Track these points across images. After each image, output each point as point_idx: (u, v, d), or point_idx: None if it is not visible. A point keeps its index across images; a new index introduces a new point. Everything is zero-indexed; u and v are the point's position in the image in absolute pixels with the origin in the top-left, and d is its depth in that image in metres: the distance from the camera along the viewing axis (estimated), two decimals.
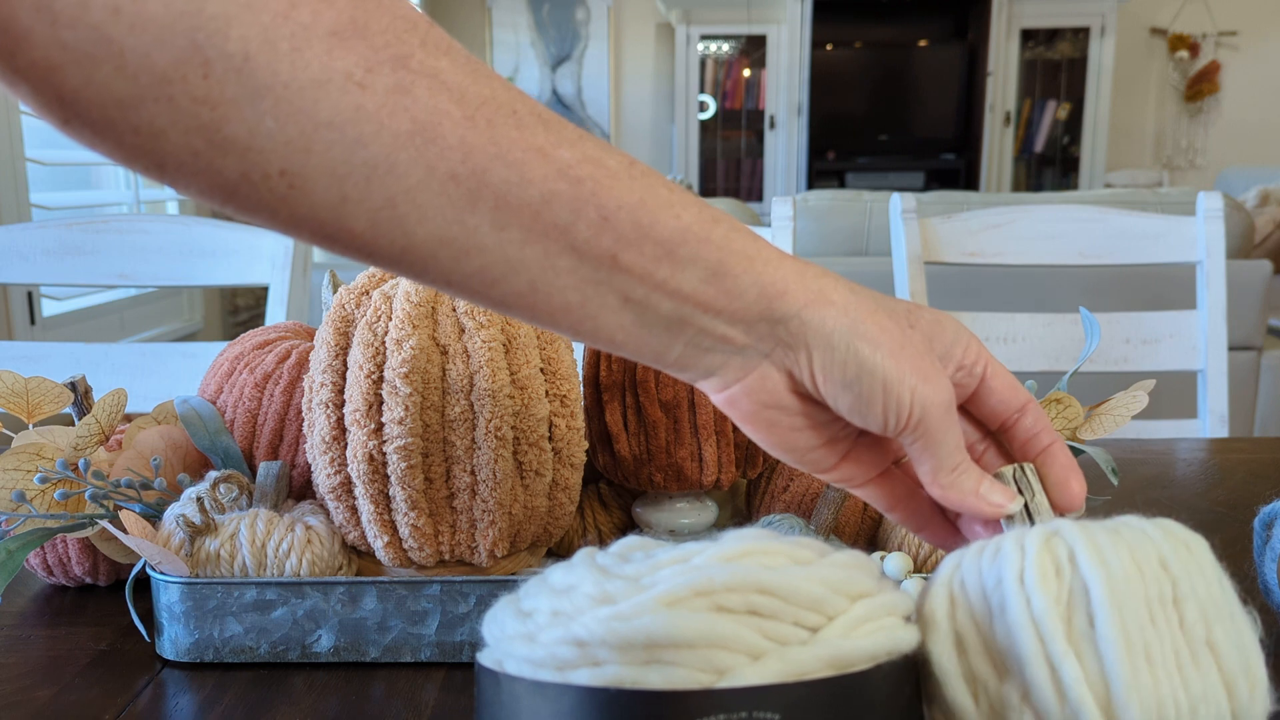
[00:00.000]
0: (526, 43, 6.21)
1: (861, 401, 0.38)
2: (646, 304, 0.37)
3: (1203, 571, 0.35)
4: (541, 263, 0.36)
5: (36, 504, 0.58)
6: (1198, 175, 5.99)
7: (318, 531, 0.59)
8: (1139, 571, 0.34)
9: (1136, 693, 0.32)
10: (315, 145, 0.33)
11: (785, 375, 0.39)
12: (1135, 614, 0.33)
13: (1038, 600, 0.33)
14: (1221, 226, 1.25)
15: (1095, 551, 0.34)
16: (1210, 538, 0.80)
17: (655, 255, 0.36)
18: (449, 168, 0.34)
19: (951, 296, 2.01)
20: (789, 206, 1.20)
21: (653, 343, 0.38)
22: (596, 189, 0.36)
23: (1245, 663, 0.34)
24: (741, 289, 0.37)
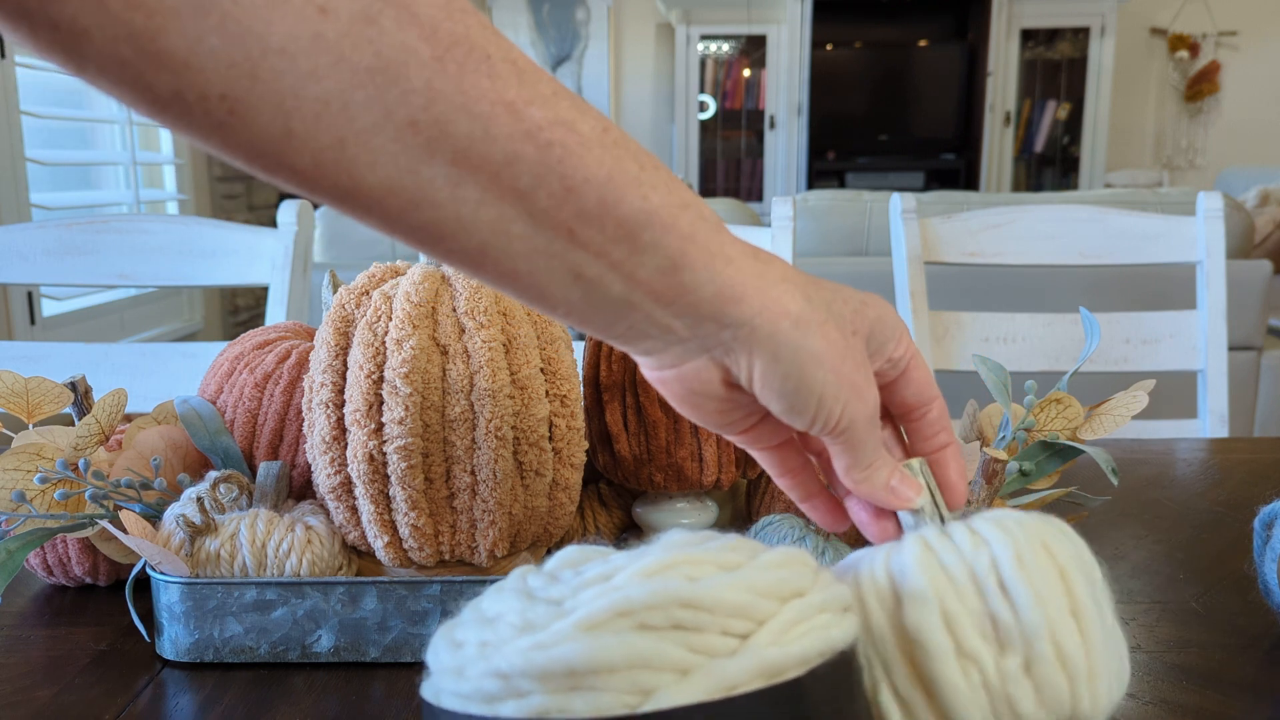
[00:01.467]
0: (526, 43, 6.21)
1: (793, 408, 0.39)
2: (598, 283, 0.36)
3: (1094, 567, 0.40)
4: (494, 226, 0.34)
5: (36, 504, 0.58)
6: (1198, 175, 5.99)
7: (318, 531, 0.59)
8: (1080, 559, 0.38)
9: (1104, 660, 0.37)
10: (263, 72, 0.30)
11: (721, 370, 0.39)
12: (1095, 594, 0.37)
13: (1041, 582, 0.36)
14: (1221, 226, 1.25)
15: (1057, 541, 0.38)
16: (1210, 538, 0.80)
17: (615, 236, 0.35)
18: (409, 114, 0.32)
19: (951, 296, 2.01)
20: (789, 206, 1.20)
21: (597, 319, 0.37)
22: (564, 156, 0.34)
23: (1122, 636, 0.40)
24: (698, 285, 0.36)
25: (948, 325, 1.26)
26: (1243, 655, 0.59)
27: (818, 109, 5.83)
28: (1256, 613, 0.64)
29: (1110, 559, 0.73)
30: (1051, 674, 0.36)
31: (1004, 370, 0.67)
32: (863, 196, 2.39)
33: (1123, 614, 0.64)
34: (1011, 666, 0.36)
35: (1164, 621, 0.63)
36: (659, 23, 6.03)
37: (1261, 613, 0.64)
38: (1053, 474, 0.66)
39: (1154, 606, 0.65)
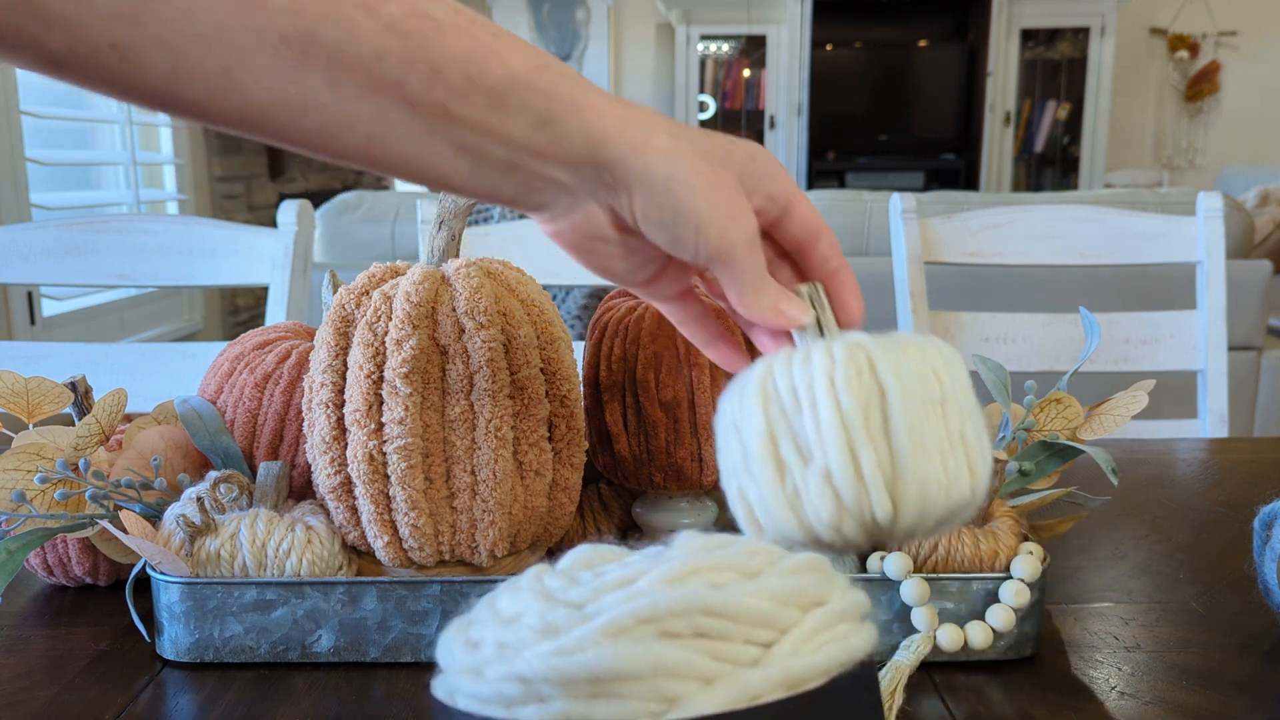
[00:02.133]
0: None
1: (676, 238, 0.42)
2: (480, 151, 0.39)
3: (960, 379, 0.40)
4: (377, 117, 0.37)
5: (36, 504, 0.58)
6: (1198, 175, 5.99)
7: (318, 531, 0.59)
8: (920, 378, 0.39)
9: (914, 475, 0.38)
10: (144, 17, 0.33)
11: (608, 212, 0.42)
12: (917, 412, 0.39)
13: (846, 399, 0.38)
14: (1221, 226, 1.25)
15: (891, 361, 0.39)
16: (1210, 538, 0.80)
17: (485, 104, 0.38)
18: (279, 30, 0.35)
19: (951, 296, 2.01)
20: None
21: (487, 184, 0.41)
22: (425, 42, 0.37)
23: (983, 452, 0.40)
24: (568, 135, 0.40)
25: (948, 325, 1.26)
26: (1243, 655, 0.59)
27: (818, 109, 5.83)
28: (1256, 613, 0.64)
29: (1110, 559, 0.73)
30: (847, 482, 0.38)
31: (1004, 370, 0.67)
32: (863, 196, 2.39)
33: (1122, 614, 0.64)
34: (814, 475, 0.39)
35: (1164, 621, 0.63)
36: (659, 23, 6.03)
37: (1261, 613, 0.64)
38: (1053, 474, 0.66)
39: (1154, 606, 0.65)
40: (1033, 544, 0.59)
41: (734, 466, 0.41)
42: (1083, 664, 0.58)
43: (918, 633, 0.56)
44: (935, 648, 0.57)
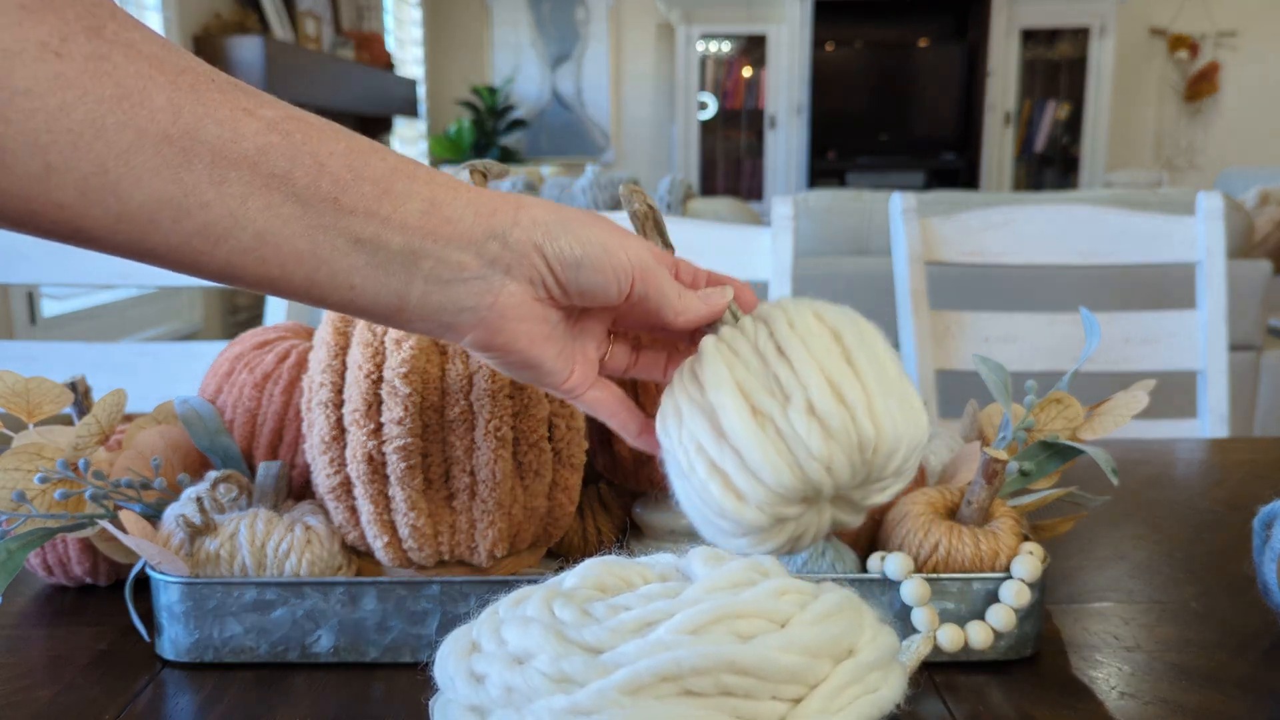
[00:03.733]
0: (526, 43, 6.21)
1: (594, 272, 0.42)
2: (377, 242, 0.38)
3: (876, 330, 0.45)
4: (265, 213, 0.36)
5: (36, 504, 0.58)
6: (1198, 175, 5.99)
7: (317, 532, 0.59)
8: (857, 324, 0.44)
9: (887, 398, 0.41)
10: (13, 114, 0.32)
11: (527, 285, 0.42)
12: (871, 349, 0.43)
13: (813, 340, 0.41)
14: (1221, 226, 1.25)
15: (832, 311, 0.44)
16: (1210, 538, 0.80)
17: (374, 194, 0.38)
18: (160, 129, 0.34)
19: (951, 296, 2.01)
20: (789, 206, 1.20)
21: (392, 283, 0.39)
22: (306, 139, 0.37)
23: (917, 395, 0.44)
24: (459, 214, 0.40)
25: (948, 325, 1.26)
26: (1243, 655, 0.59)
27: (818, 109, 5.83)
28: (1256, 613, 0.64)
29: (1110, 559, 0.73)
30: (831, 408, 0.40)
31: (1004, 370, 0.67)
32: (863, 196, 2.39)
33: (1122, 614, 0.64)
34: (796, 412, 0.40)
35: (1164, 621, 0.63)
36: (659, 23, 6.03)
37: (1261, 613, 0.64)
38: (1053, 474, 0.66)
39: (1154, 606, 0.65)
40: (1033, 544, 0.59)
41: (699, 446, 0.42)
42: (1083, 664, 0.58)
43: (918, 633, 0.56)
44: (935, 648, 0.57)
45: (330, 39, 4.66)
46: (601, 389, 0.47)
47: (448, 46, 6.28)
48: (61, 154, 0.33)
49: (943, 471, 0.71)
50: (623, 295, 0.44)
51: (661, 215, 0.57)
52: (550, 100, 6.25)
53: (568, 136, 6.28)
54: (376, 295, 0.39)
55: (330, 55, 4.40)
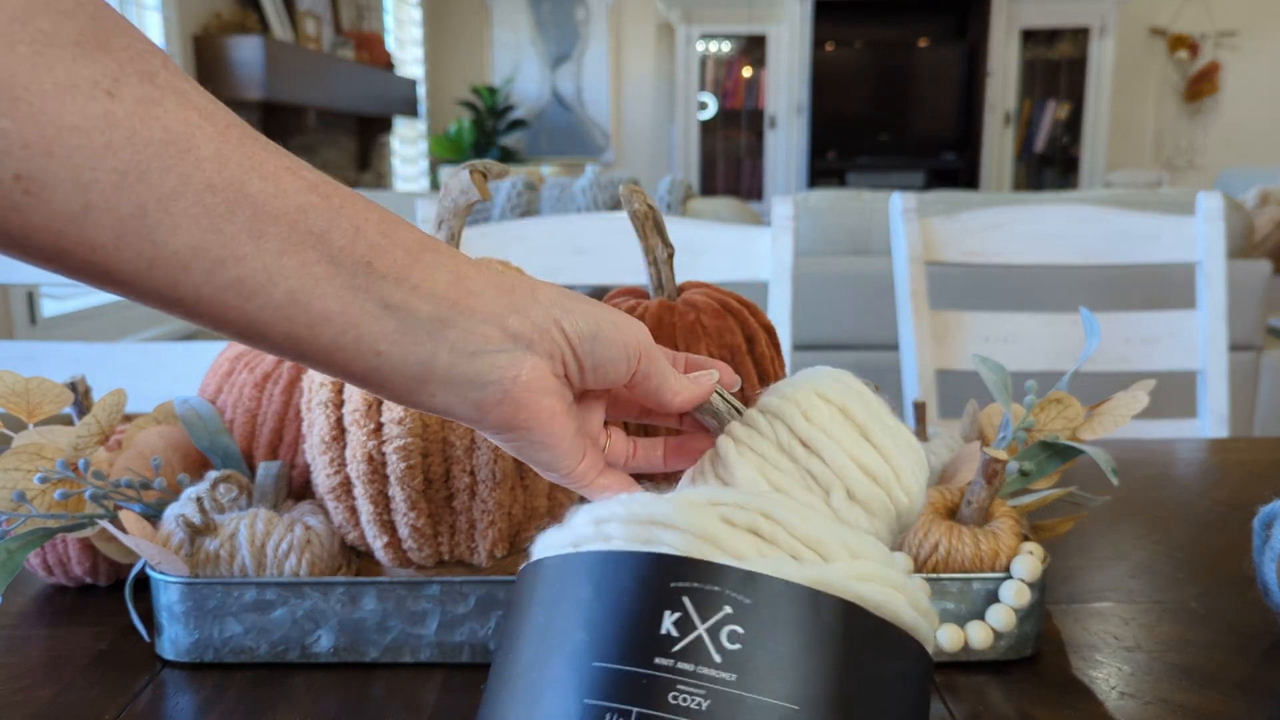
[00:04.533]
0: (526, 42, 6.21)
1: (608, 346, 0.43)
2: (406, 308, 0.38)
3: (860, 385, 0.47)
4: (300, 271, 0.36)
5: (36, 504, 0.58)
6: (1198, 175, 5.99)
7: (317, 531, 0.59)
8: (852, 390, 0.45)
9: (906, 461, 0.44)
10: (58, 149, 0.31)
11: (547, 360, 0.42)
12: (874, 414, 0.45)
13: (832, 427, 0.43)
14: (1221, 226, 1.25)
15: (828, 386, 0.45)
16: (1210, 538, 0.80)
17: (406, 261, 0.38)
18: (206, 178, 0.34)
19: (951, 296, 2.01)
20: (789, 206, 1.20)
21: (419, 352, 0.39)
22: (344, 204, 0.37)
23: (903, 428, 0.46)
24: (482, 289, 0.40)
25: (948, 325, 1.26)
26: (1243, 655, 0.59)
27: (818, 108, 5.83)
28: (1256, 613, 0.64)
29: (1110, 559, 0.73)
30: (870, 491, 0.42)
31: (1004, 370, 0.67)
32: (863, 196, 2.39)
33: (1122, 614, 0.64)
34: (839, 501, 0.42)
35: (1164, 621, 0.63)
36: (659, 22, 6.03)
37: (1261, 613, 0.64)
38: (1053, 474, 0.66)
39: (1154, 606, 0.65)
40: (1033, 544, 0.59)
41: None
42: (1083, 664, 0.58)
43: None
44: (936, 648, 0.57)
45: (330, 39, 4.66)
46: (611, 475, 0.47)
47: (448, 46, 6.28)
48: (103, 193, 0.32)
49: (943, 471, 0.71)
50: (631, 372, 0.44)
51: (661, 215, 0.57)
52: (550, 100, 6.25)
53: (568, 136, 6.28)
54: (403, 362, 0.39)
55: (330, 55, 4.40)
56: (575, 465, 0.45)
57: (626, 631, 0.35)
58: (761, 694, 0.34)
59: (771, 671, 0.34)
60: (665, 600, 0.35)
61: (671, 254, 0.62)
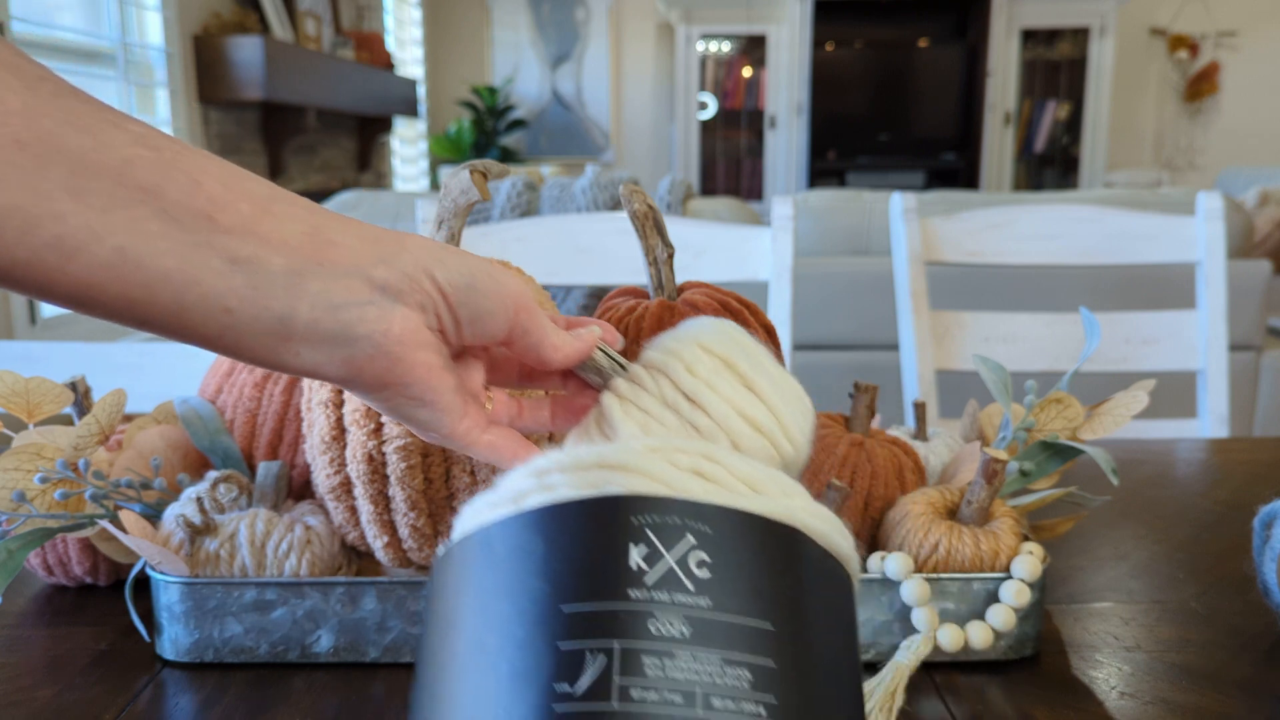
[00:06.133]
0: (526, 42, 6.21)
1: (485, 296, 0.41)
2: (256, 262, 0.35)
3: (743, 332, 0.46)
4: (129, 228, 0.33)
5: (37, 504, 0.58)
6: (1198, 175, 5.99)
7: (317, 531, 0.59)
8: (736, 340, 0.45)
9: (790, 409, 0.44)
10: None
11: (419, 312, 0.39)
12: (758, 363, 0.44)
13: (716, 380, 0.43)
14: (1221, 226, 1.25)
15: (711, 338, 0.44)
16: (1210, 538, 0.80)
17: (252, 213, 0.35)
18: (11, 133, 0.31)
19: (952, 296, 2.01)
20: (789, 206, 1.20)
21: (274, 306, 0.36)
22: (177, 156, 0.34)
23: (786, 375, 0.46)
24: (343, 239, 0.38)
25: (948, 325, 1.26)
26: (1243, 655, 0.59)
27: (818, 109, 5.83)
28: (1256, 613, 0.64)
29: (1110, 559, 0.73)
30: (754, 443, 0.42)
31: (1004, 370, 0.67)
32: (863, 196, 2.39)
33: (1122, 614, 0.64)
34: (724, 454, 0.41)
35: (1164, 621, 0.63)
36: (659, 22, 6.03)
37: (1261, 613, 0.64)
38: (1053, 474, 0.66)
39: (1154, 606, 0.65)
40: (1033, 544, 0.59)
41: None
42: (1083, 664, 0.58)
43: (918, 633, 0.56)
44: (935, 648, 0.57)
45: (330, 39, 4.66)
46: (498, 432, 0.45)
47: (448, 46, 6.28)
48: None
49: (943, 471, 0.71)
50: (509, 325, 0.42)
51: (661, 215, 0.57)
52: (550, 100, 6.25)
53: (568, 136, 6.28)
54: (257, 319, 0.36)
55: (330, 55, 4.40)
56: (457, 424, 0.43)
57: (593, 570, 0.34)
58: (737, 616, 0.34)
59: (741, 596, 0.34)
60: (628, 535, 0.35)
61: (671, 254, 0.62)
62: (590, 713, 0.32)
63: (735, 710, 0.33)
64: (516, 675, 0.33)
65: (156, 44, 3.33)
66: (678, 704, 0.32)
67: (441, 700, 0.35)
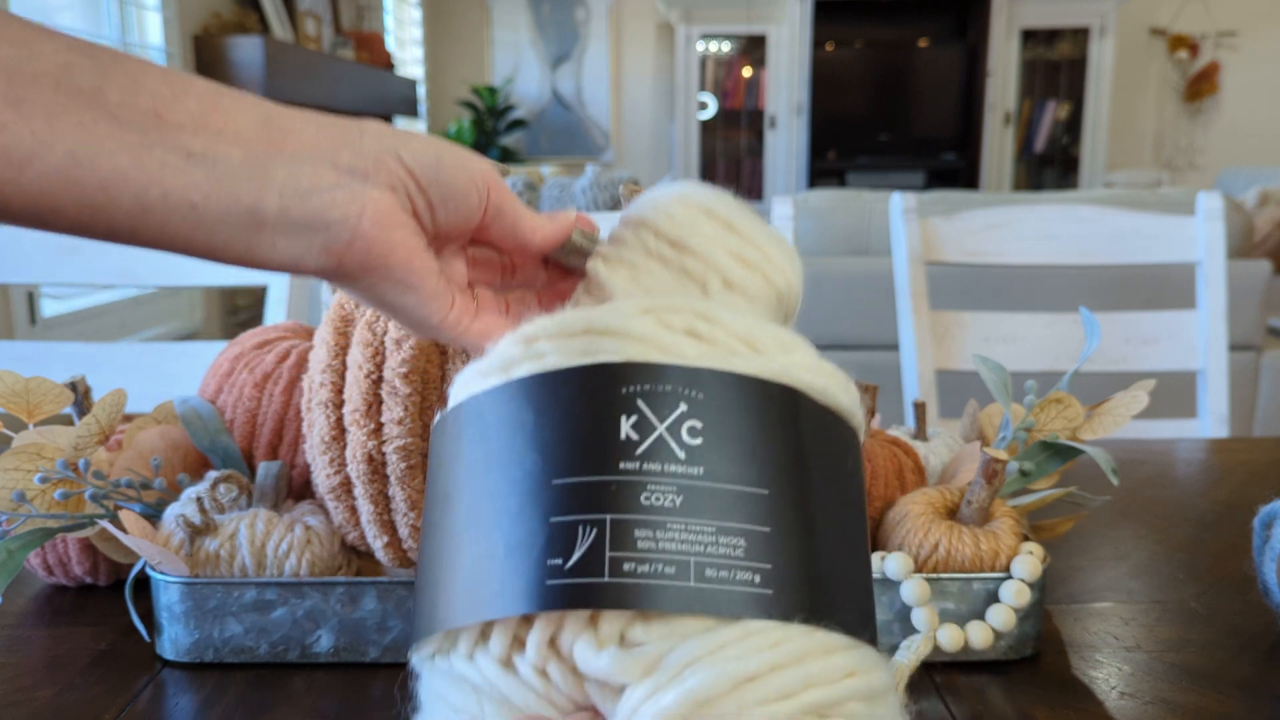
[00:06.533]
0: (526, 42, 6.20)
1: (454, 172, 0.40)
2: (214, 154, 0.35)
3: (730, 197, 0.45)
4: (76, 132, 0.32)
5: (37, 504, 0.58)
6: (1198, 175, 5.99)
7: (317, 531, 0.59)
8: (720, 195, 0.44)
9: (776, 247, 0.43)
10: None
11: (390, 192, 0.38)
12: (739, 209, 0.44)
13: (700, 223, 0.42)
14: (1221, 226, 1.25)
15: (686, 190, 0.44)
16: (1210, 538, 0.80)
17: (201, 108, 0.34)
18: None
19: (952, 296, 2.01)
20: (789, 206, 1.20)
21: (241, 197, 0.35)
22: (114, 60, 0.34)
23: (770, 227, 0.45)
24: (299, 127, 0.37)
25: (948, 325, 1.26)
26: (1243, 655, 0.59)
27: (818, 108, 5.83)
28: (1256, 613, 0.64)
29: (1110, 559, 0.73)
30: (744, 275, 0.41)
31: (1004, 370, 0.67)
32: (863, 196, 2.39)
33: (1122, 614, 0.64)
34: (717, 292, 0.41)
35: (1164, 621, 0.63)
36: (659, 22, 6.03)
37: (1261, 613, 0.64)
38: (1053, 474, 0.66)
39: (1154, 606, 0.65)
40: (1033, 544, 0.59)
41: None
42: (1083, 664, 0.58)
43: (918, 633, 0.56)
44: (936, 648, 0.57)
45: (330, 39, 4.66)
46: (488, 319, 0.43)
47: (448, 46, 6.28)
48: None
49: (943, 471, 0.71)
50: (482, 203, 0.41)
51: None
52: (550, 100, 6.25)
53: (568, 136, 6.27)
54: (225, 210, 0.35)
55: (330, 55, 4.40)
56: (446, 311, 0.42)
57: (583, 443, 0.34)
58: (730, 483, 0.34)
59: (735, 461, 0.34)
60: (619, 405, 0.34)
61: None
62: (581, 585, 0.32)
63: (729, 579, 0.32)
64: (510, 549, 0.33)
65: (157, 44, 3.33)
66: (670, 575, 0.32)
67: (443, 570, 0.35)
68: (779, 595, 0.33)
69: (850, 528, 0.37)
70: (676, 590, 0.32)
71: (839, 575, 0.35)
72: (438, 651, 0.36)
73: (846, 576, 0.36)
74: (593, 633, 0.33)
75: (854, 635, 0.35)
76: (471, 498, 0.35)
